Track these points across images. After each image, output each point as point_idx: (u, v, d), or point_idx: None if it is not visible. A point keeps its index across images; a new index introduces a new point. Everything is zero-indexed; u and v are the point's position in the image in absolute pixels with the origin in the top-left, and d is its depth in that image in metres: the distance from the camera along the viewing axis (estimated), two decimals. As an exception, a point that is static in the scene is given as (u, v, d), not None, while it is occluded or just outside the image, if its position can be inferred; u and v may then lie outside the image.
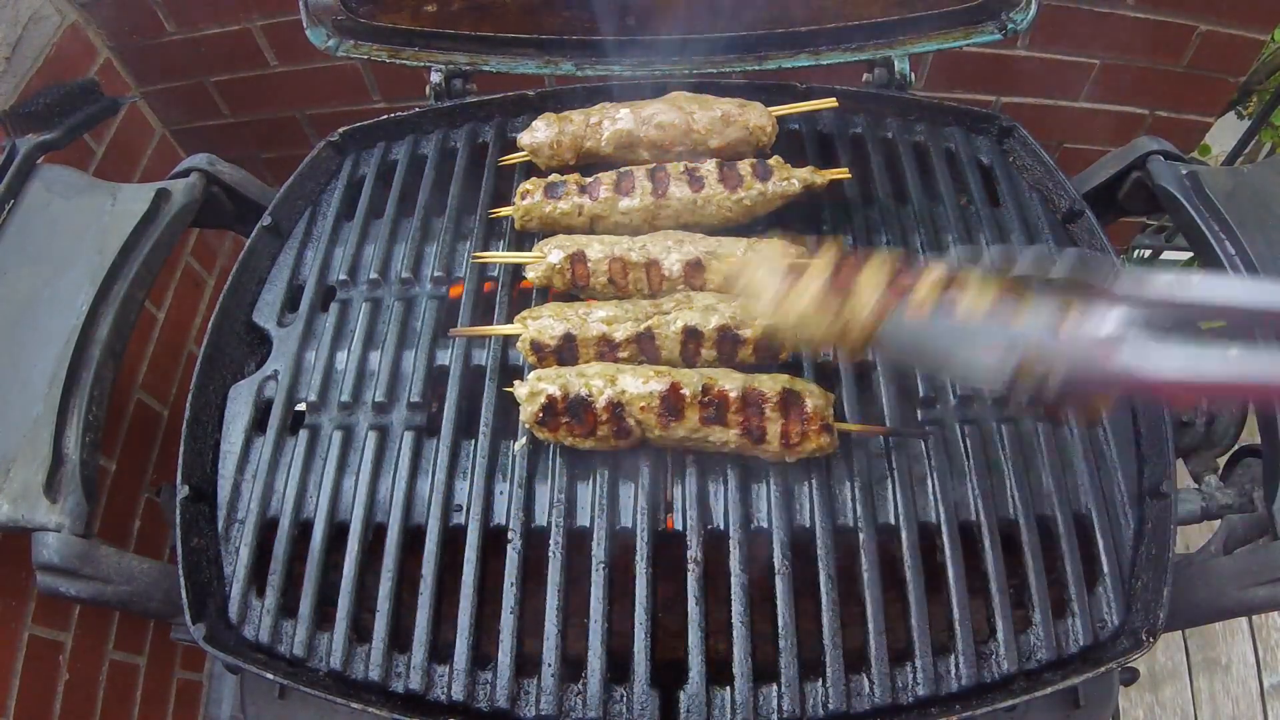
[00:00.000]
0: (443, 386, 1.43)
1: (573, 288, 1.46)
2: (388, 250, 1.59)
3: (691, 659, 1.20)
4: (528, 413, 1.30)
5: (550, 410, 1.28)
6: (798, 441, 1.25)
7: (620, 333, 1.35)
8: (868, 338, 1.00)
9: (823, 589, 1.23)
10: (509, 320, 1.45)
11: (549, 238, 1.49)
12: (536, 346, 1.36)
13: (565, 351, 1.35)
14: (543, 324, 1.37)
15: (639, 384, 1.27)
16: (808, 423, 1.25)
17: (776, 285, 1.07)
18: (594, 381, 1.28)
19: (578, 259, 1.43)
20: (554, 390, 1.28)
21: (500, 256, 1.53)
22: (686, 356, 1.36)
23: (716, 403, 1.26)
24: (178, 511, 1.32)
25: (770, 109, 1.64)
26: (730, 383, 1.28)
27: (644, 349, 1.36)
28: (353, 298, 1.55)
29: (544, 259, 1.45)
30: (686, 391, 1.26)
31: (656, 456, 1.34)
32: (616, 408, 1.26)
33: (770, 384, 1.28)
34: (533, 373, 1.33)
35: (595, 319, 1.36)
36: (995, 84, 2.57)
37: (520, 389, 1.31)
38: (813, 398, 1.27)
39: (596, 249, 1.44)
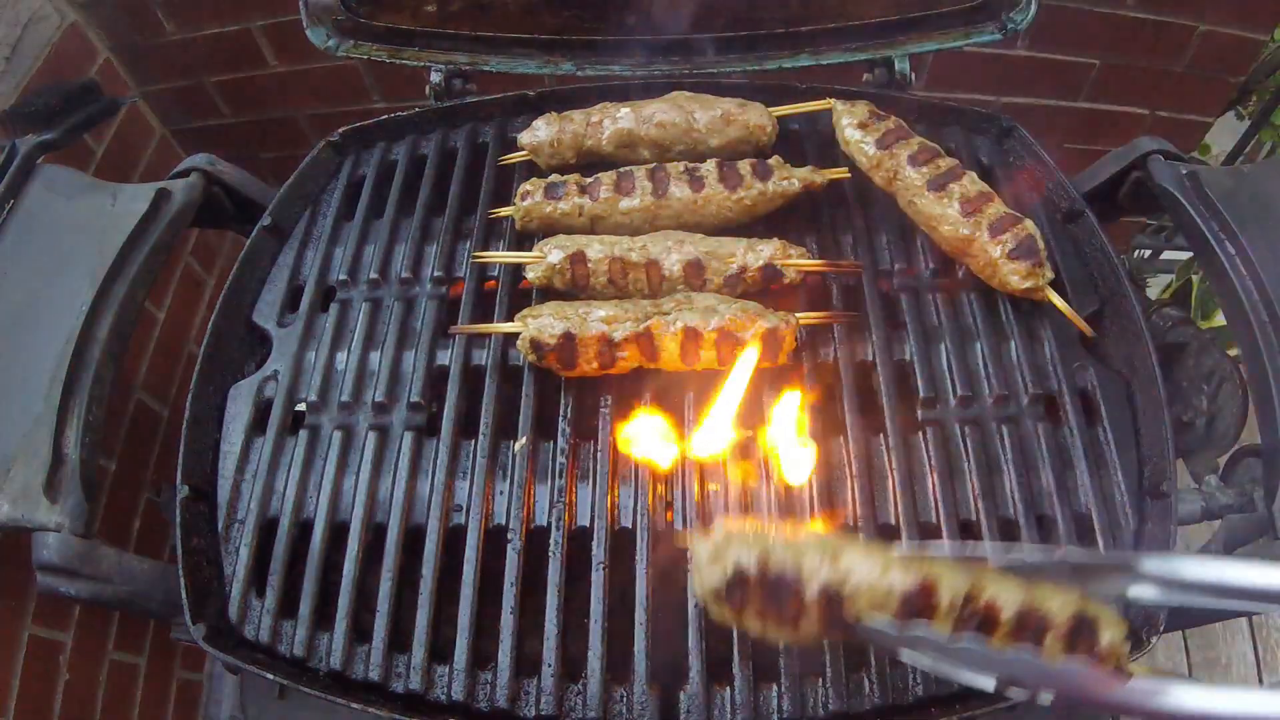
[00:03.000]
0: (443, 386, 1.43)
1: (573, 288, 1.46)
2: (388, 250, 1.59)
3: (691, 659, 1.20)
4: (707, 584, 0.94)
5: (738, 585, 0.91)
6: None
7: (620, 332, 1.35)
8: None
9: (823, 589, 1.22)
10: (509, 320, 1.45)
11: (549, 238, 1.49)
12: (536, 345, 1.36)
13: (565, 351, 1.35)
14: (543, 323, 1.36)
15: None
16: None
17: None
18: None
19: (578, 259, 1.43)
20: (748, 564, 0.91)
21: (500, 256, 1.53)
22: (686, 357, 1.36)
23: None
24: (178, 511, 1.32)
25: (770, 109, 1.64)
26: (1006, 594, 0.87)
27: (643, 349, 1.36)
28: (353, 298, 1.55)
29: (544, 259, 1.45)
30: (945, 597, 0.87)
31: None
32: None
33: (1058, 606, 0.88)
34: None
35: (595, 318, 1.36)
36: (995, 84, 2.57)
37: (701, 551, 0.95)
38: (1110, 631, 0.89)
39: (596, 249, 1.44)
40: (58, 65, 2.20)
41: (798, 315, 1.38)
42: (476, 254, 1.54)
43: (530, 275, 1.47)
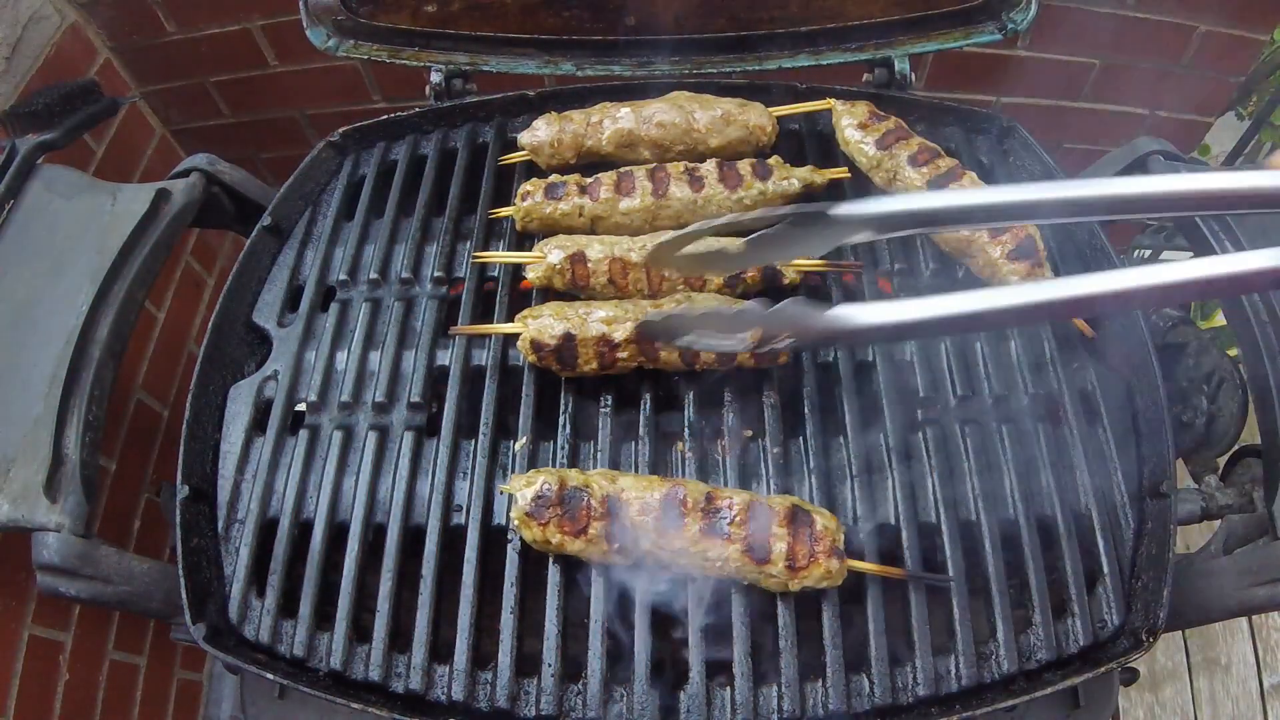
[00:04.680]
0: (443, 386, 1.43)
1: (573, 288, 1.46)
2: (388, 250, 1.59)
3: (692, 659, 1.20)
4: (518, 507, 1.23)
5: (543, 503, 1.21)
6: (804, 565, 1.17)
7: (620, 332, 1.35)
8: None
9: (823, 589, 1.22)
10: (509, 320, 1.45)
11: (549, 238, 1.49)
12: (536, 345, 1.36)
13: (565, 351, 1.35)
14: (543, 323, 1.36)
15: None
16: (816, 543, 1.17)
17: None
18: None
19: (578, 259, 1.43)
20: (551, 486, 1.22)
21: (500, 256, 1.53)
22: (686, 359, 1.36)
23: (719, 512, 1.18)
24: (178, 511, 1.32)
25: (770, 109, 1.64)
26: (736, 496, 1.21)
27: (643, 349, 1.36)
28: (353, 298, 1.55)
29: (544, 259, 1.45)
30: (688, 499, 1.19)
31: (656, 457, 1.35)
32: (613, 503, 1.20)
33: (779, 501, 1.22)
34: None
35: (595, 319, 1.36)
36: (995, 84, 2.57)
37: (516, 483, 1.25)
38: (822, 518, 1.20)
39: (597, 249, 1.44)
40: (58, 65, 2.20)
41: None
42: (477, 254, 1.54)
43: (530, 275, 1.47)
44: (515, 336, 1.40)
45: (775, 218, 1.10)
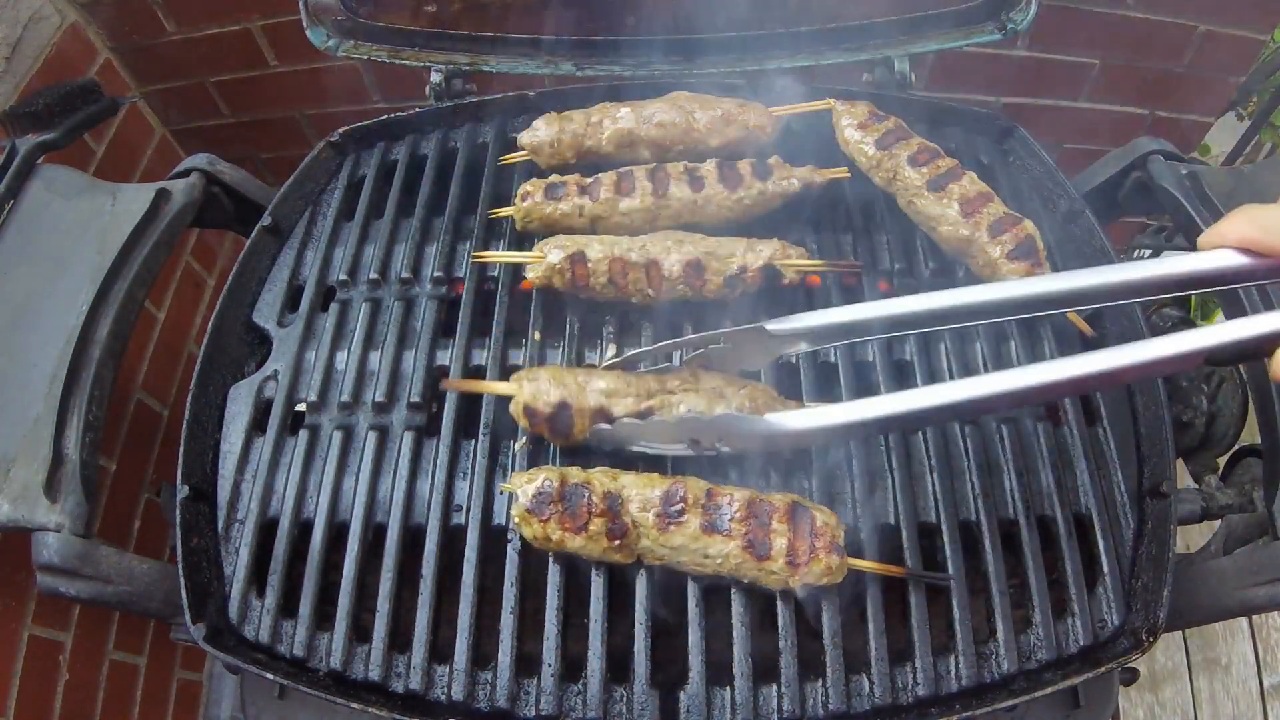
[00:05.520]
0: (443, 386, 1.43)
1: (572, 288, 1.45)
2: (388, 250, 1.59)
3: (692, 659, 1.20)
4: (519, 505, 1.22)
5: (544, 499, 1.20)
6: (805, 561, 1.17)
7: (620, 408, 1.28)
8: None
9: (823, 589, 1.22)
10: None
11: (549, 238, 1.49)
12: (530, 412, 1.29)
13: (559, 421, 1.28)
14: (538, 388, 1.28)
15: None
16: (816, 538, 1.17)
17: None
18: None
19: (577, 259, 1.43)
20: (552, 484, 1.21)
21: (500, 256, 1.53)
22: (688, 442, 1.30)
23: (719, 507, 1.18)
24: (178, 511, 1.32)
25: (770, 109, 1.64)
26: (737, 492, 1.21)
27: None
28: (353, 298, 1.55)
29: (544, 259, 1.45)
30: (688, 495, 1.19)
31: (655, 457, 1.34)
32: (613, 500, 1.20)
33: (779, 498, 1.21)
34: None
35: (594, 389, 1.28)
36: (995, 84, 2.57)
37: (517, 480, 1.24)
38: (822, 515, 1.20)
39: (596, 249, 1.43)
40: (58, 65, 2.20)
41: (808, 406, 1.32)
42: (476, 254, 1.53)
43: (530, 275, 1.47)
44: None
45: (715, 335, 1.25)
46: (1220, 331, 0.89)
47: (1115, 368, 0.93)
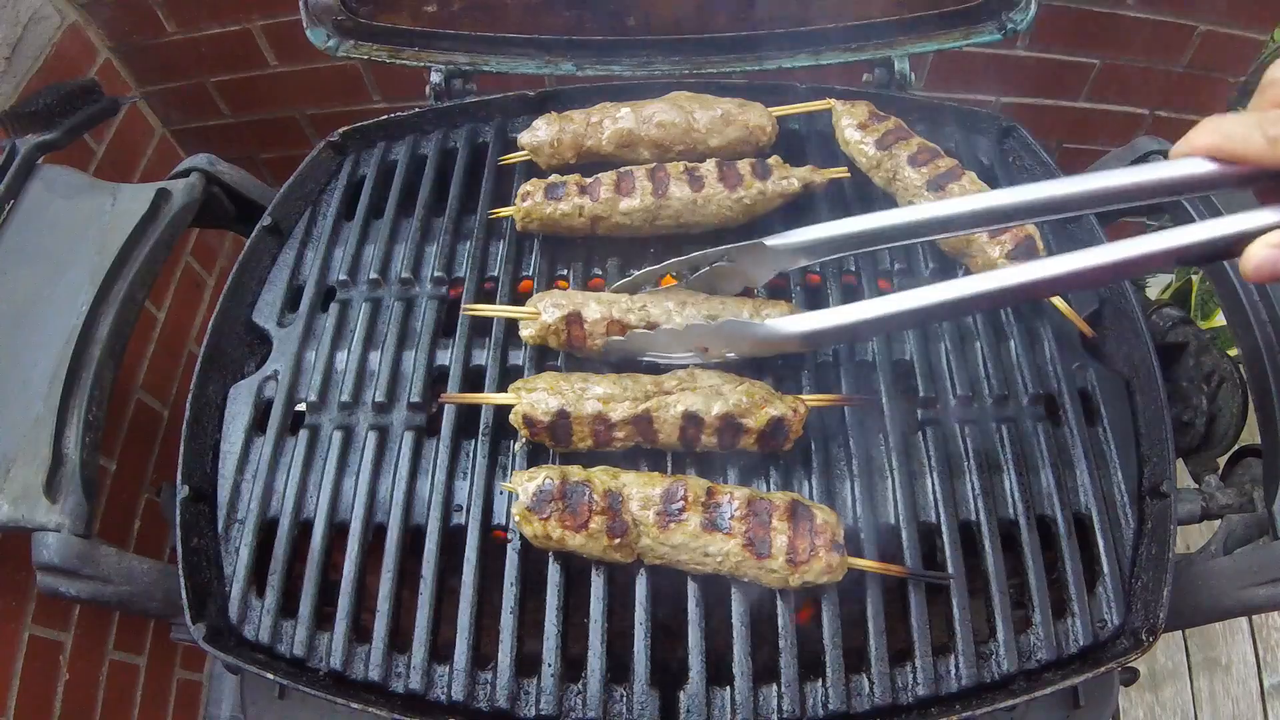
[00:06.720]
0: (442, 387, 1.42)
1: (568, 348, 1.40)
2: (388, 250, 1.59)
3: (691, 659, 1.20)
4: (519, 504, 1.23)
5: (544, 497, 1.21)
6: (805, 559, 1.17)
7: (617, 413, 1.28)
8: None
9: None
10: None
11: (543, 292, 1.43)
12: (529, 421, 1.29)
13: (558, 428, 1.29)
14: (536, 397, 1.29)
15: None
16: (816, 537, 1.17)
17: None
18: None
19: (574, 320, 1.37)
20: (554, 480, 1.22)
21: (494, 310, 1.47)
22: (685, 441, 1.30)
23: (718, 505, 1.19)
24: (178, 511, 1.32)
25: (770, 109, 1.64)
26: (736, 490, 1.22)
27: (641, 430, 1.30)
28: (353, 298, 1.55)
29: (538, 316, 1.39)
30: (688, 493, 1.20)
31: (655, 457, 1.35)
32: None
33: (779, 496, 1.22)
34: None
35: (592, 395, 1.28)
36: (995, 84, 2.57)
37: (518, 479, 1.25)
38: (822, 513, 1.21)
39: (594, 309, 1.37)
40: (58, 65, 2.20)
41: (807, 399, 1.32)
42: (467, 306, 1.46)
43: (525, 334, 1.41)
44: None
45: (717, 253, 1.31)
46: (1191, 231, 0.92)
47: (1091, 266, 0.98)
